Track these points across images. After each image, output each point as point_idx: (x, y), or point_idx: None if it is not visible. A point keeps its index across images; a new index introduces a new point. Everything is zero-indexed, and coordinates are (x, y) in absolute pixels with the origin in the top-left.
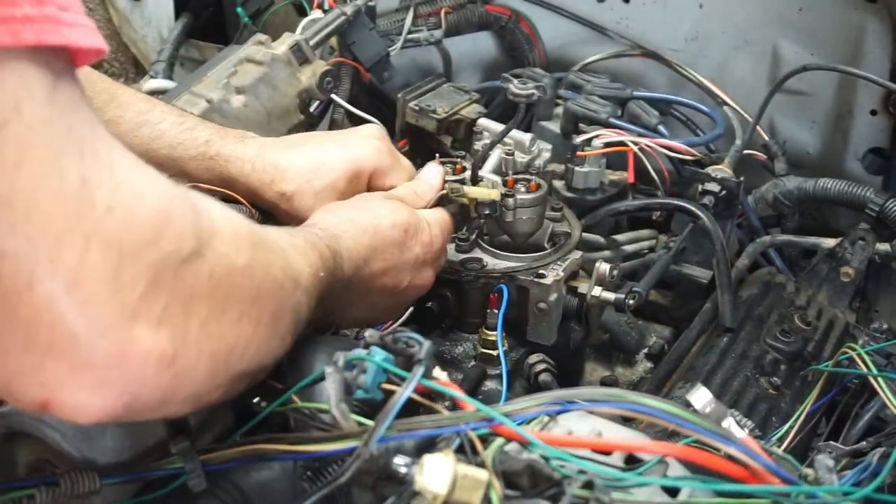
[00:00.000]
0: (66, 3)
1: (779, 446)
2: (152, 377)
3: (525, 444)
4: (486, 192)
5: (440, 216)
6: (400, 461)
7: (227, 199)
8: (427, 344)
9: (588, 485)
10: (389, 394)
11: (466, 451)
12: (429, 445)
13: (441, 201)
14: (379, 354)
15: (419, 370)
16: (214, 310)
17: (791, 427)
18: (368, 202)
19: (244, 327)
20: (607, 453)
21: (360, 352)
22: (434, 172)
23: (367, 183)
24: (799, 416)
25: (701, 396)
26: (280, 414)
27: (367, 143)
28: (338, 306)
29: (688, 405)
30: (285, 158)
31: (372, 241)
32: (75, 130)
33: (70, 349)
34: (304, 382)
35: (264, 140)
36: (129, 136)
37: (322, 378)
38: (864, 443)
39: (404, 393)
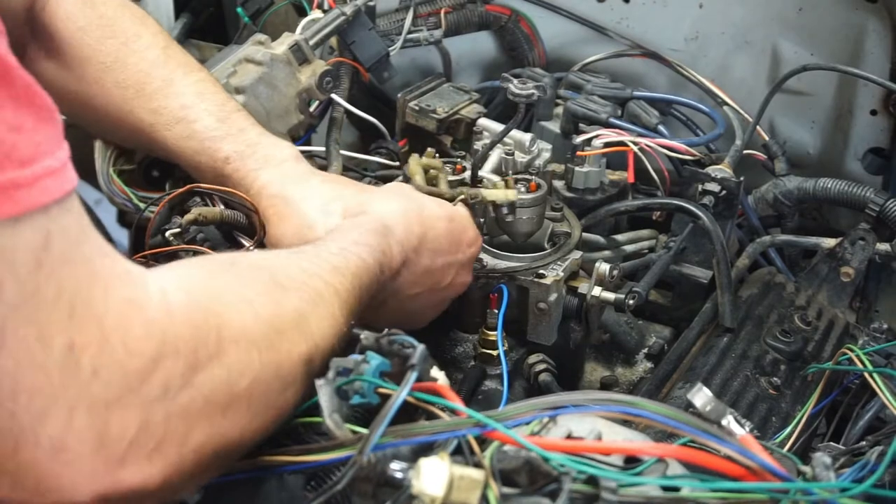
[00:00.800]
0: (27, 153)
1: (781, 448)
2: (139, 500)
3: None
4: (504, 193)
5: (466, 212)
6: (396, 466)
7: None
8: (420, 348)
9: (590, 480)
10: (386, 397)
11: (464, 452)
12: (425, 449)
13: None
14: (374, 359)
15: (412, 375)
16: (209, 432)
17: (793, 429)
18: (411, 192)
19: (244, 434)
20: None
21: (355, 357)
22: None
23: None
24: (801, 418)
25: (702, 396)
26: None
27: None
28: (383, 300)
29: (689, 405)
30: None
31: (422, 231)
32: (66, 287)
33: (55, 495)
34: (304, 406)
35: (285, 181)
36: (163, 128)
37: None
38: (864, 442)
39: (397, 400)
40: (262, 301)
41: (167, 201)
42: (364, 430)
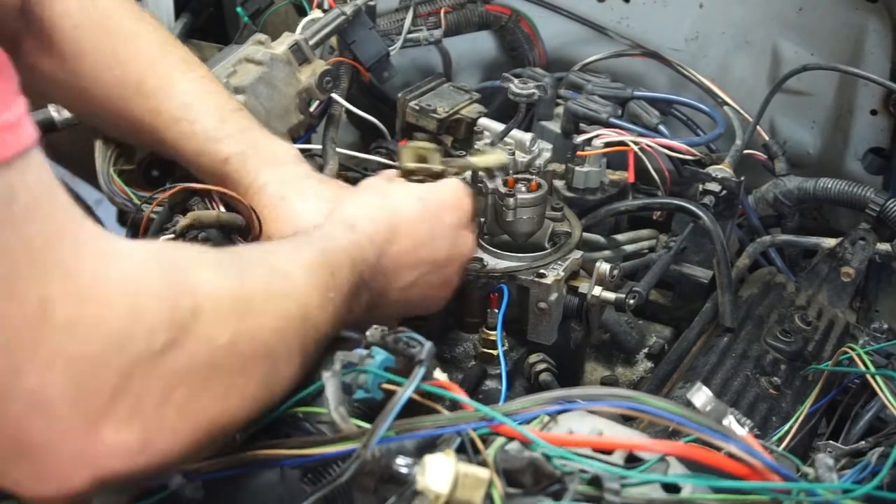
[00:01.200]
0: None
1: (779, 446)
2: (121, 465)
3: (527, 444)
4: (494, 157)
5: (454, 181)
6: (401, 462)
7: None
8: (428, 345)
9: (593, 481)
10: (390, 393)
11: (468, 450)
12: (430, 446)
13: None
14: (380, 355)
15: (420, 371)
16: (193, 392)
17: (791, 427)
18: (378, 183)
19: (230, 399)
20: (608, 452)
21: (361, 352)
22: None
23: None
24: (799, 416)
25: (701, 395)
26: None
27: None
28: (376, 298)
29: (688, 404)
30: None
31: (390, 219)
32: (34, 241)
33: (34, 454)
34: (303, 394)
35: (285, 182)
36: (163, 128)
37: (322, 390)
38: (864, 443)
39: (404, 394)
40: (228, 271)
41: (159, 202)
42: (368, 426)
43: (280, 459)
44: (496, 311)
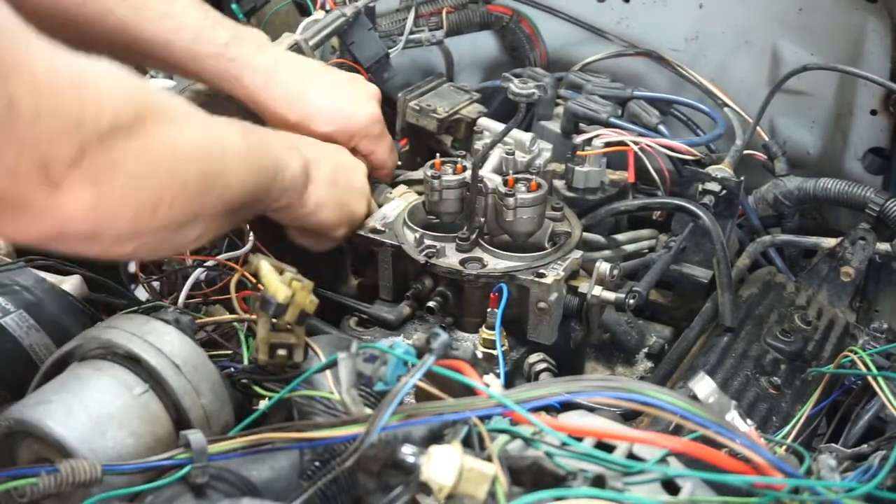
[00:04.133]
0: None
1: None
2: (78, 218)
3: (529, 441)
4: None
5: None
6: (407, 450)
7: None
8: (443, 336)
9: (597, 480)
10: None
11: (473, 444)
12: (438, 437)
13: None
14: (400, 347)
15: (429, 359)
16: (135, 176)
17: (792, 428)
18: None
19: (166, 192)
20: (609, 451)
21: (382, 344)
22: None
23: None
24: (800, 417)
25: (704, 386)
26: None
27: (370, 107)
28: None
29: (692, 394)
30: (300, 93)
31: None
32: None
33: (12, 210)
34: (311, 371)
35: (278, 56)
36: (150, 25)
37: (329, 366)
38: (866, 446)
39: (411, 379)
40: (195, 124)
41: None
42: None
43: (288, 443)
44: (496, 310)
